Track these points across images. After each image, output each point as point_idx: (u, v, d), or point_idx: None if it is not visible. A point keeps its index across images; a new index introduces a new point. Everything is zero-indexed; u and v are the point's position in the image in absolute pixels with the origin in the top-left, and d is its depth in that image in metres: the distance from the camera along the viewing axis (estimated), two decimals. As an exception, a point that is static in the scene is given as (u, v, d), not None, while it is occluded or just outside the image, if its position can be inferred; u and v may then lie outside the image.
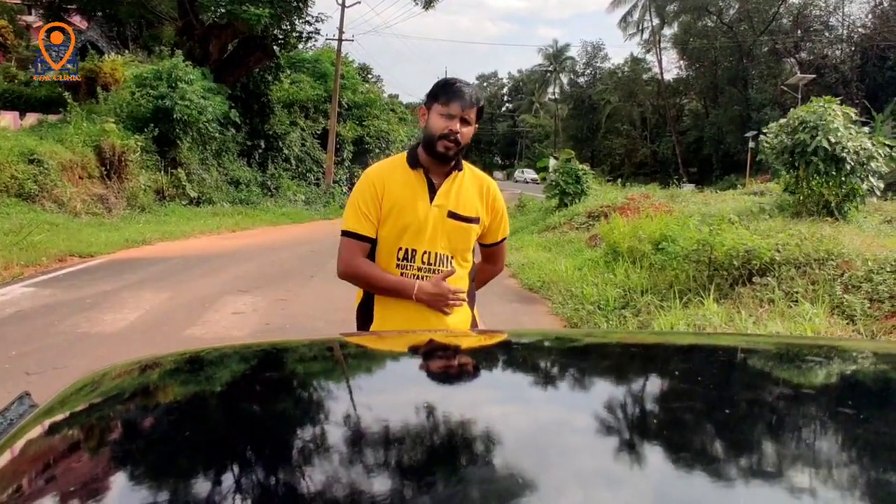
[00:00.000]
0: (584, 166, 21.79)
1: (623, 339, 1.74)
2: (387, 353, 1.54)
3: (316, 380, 1.30)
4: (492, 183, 2.78)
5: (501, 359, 1.46)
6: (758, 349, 1.51)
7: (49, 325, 7.53)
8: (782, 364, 1.40)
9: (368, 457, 0.90)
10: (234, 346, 1.56)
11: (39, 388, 5.48)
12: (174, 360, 1.39)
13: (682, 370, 1.32)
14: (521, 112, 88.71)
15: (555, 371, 1.35)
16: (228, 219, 22.51)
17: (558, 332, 1.66)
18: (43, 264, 11.71)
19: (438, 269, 2.62)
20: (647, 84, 61.47)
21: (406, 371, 1.36)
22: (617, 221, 12.19)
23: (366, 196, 2.64)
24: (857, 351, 1.52)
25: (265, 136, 30.70)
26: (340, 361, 1.41)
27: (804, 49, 47.90)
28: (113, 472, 0.92)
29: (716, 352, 1.46)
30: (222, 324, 8.01)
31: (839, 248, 8.63)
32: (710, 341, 1.72)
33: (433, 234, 2.61)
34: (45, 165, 17.11)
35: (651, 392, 1.20)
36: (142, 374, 1.36)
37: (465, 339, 1.72)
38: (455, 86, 2.57)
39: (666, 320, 7.84)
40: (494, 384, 1.28)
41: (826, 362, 1.40)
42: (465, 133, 2.56)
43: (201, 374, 1.35)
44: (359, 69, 46.83)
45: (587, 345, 1.59)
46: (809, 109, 12.52)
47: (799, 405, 1.14)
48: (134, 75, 23.01)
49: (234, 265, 12.86)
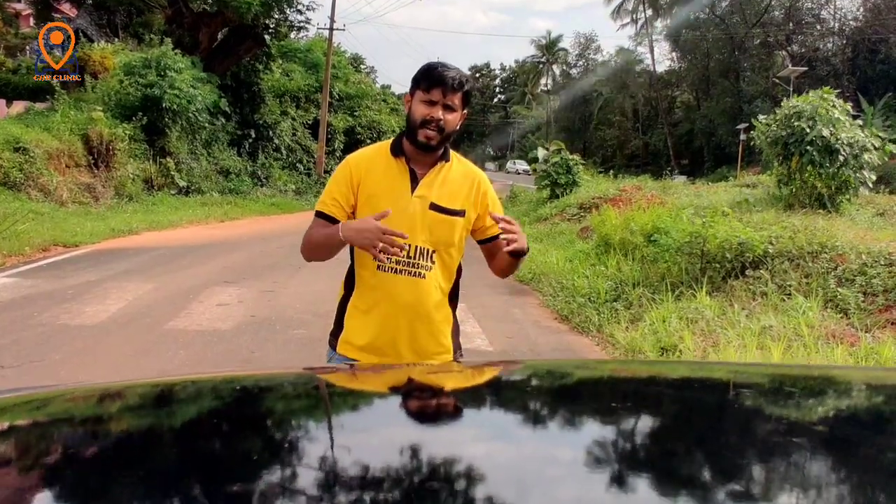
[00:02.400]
0: (575, 156, 21.68)
1: (614, 371, 1.56)
2: (351, 391, 1.36)
3: (273, 422, 1.14)
4: (482, 176, 2.64)
5: (478, 395, 1.29)
6: (754, 381, 1.39)
7: (28, 317, 7.37)
8: (779, 399, 1.28)
9: None
10: (173, 380, 1.38)
11: (14, 382, 5.33)
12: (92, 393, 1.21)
13: (674, 406, 1.19)
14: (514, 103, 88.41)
15: (540, 409, 1.20)
16: (217, 208, 22.31)
17: (543, 365, 1.46)
18: (26, 254, 11.53)
19: (419, 264, 2.48)
20: (638, 76, 61.37)
21: (374, 412, 1.19)
22: (608, 213, 12.08)
23: (340, 181, 2.53)
24: (856, 382, 1.41)
25: (255, 125, 30.47)
26: (302, 400, 1.25)
27: (796, 42, 47.85)
28: None
29: (715, 387, 1.34)
30: (206, 316, 7.86)
31: (833, 241, 8.55)
32: (705, 374, 1.57)
33: (412, 227, 2.45)
34: (31, 154, 16.88)
35: (645, 431, 1.08)
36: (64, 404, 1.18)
37: (437, 375, 1.55)
38: (437, 70, 2.41)
39: (658, 313, 7.74)
40: (470, 423, 1.14)
41: (823, 396, 1.30)
42: (449, 120, 2.41)
43: (135, 411, 1.17)
44: (351, 59, 46.53)
45: (571, 379, 1.43)
46: (805, 99, 12.44)
47: (798, 442, 1.04)
48: (123, 63, 22.76)
49: (221, 255, 12.71)
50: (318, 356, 6.16)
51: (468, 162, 2.66)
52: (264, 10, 25.96)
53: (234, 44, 27.94)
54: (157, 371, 5.79)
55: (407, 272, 2.47)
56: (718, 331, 7.12)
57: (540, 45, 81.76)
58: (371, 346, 2.52)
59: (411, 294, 2.48)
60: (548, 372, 1.48)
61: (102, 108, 20.67)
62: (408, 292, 2.47)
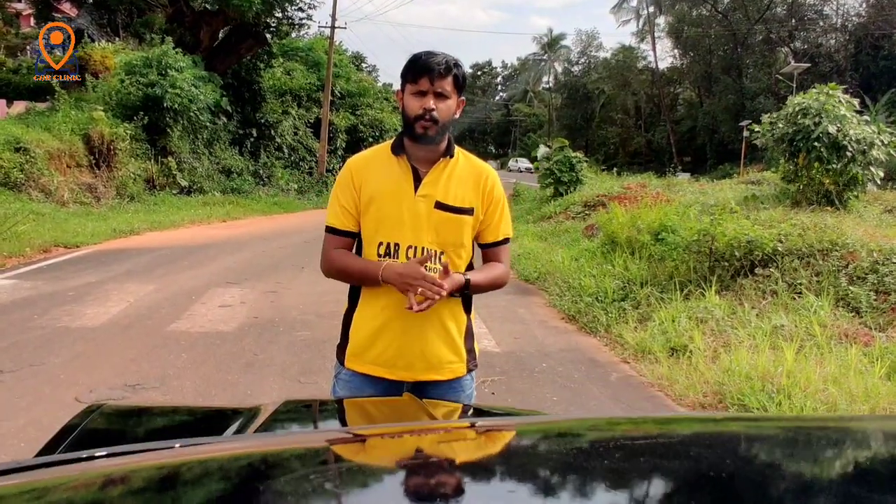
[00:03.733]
0: (578, 154, 21.56)
1: (630, 431, 1.37)
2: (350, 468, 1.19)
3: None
4: (491, 171, 2.50)
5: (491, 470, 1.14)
6: (776, 436, 1.26)
7: (27, 320, 7.27)
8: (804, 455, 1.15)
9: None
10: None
11: (12, 386, 5.24)
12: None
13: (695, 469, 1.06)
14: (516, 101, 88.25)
15: (557, 481, 1.05)
16: (219, 208, 22.20)
17: (560, 426, 1.25)
18: (27, 255, 11.43)
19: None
20: (640, 73, 61.23)
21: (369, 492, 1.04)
22: (616, 211, 11.94)
23: (343, 188, 2.43)
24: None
25: (257, 124, 30.35)
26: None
27: (798, 38, 47.72)
28: None
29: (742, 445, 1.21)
30: (209, 317, 7.76)
31: (843, 239, 8.43)
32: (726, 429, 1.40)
33: (418, 227, 2.35)
34: (32, 154, 16.80)
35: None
36: None
37: (447, 443, 1.37)
38: (421, 59, 2.30)
39: (667, 313, 7.63)
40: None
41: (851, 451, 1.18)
42: (442, 108, 2.30)
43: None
44: (352, 58, 46.40)
45: (588, 439, 1.27)
46: (811, 96, 12.31)
47: None
48: (123, 63, 22.66)
49: (223, 256, 12.60)
50: (322, 358, 6.08)
51: (475, 157, 2.54)
52: (265, 8, 25.85)
53: (236, 42, 27.84)
54: (159, 374, 5.68)
55: None
56: (729, 330, 7.01)
57: (542, 42, 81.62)
58: (380, 358, 2.40)
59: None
60: (565, 433, 1.31)
61: (103, 107, 20.61)
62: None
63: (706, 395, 5.66)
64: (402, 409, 2.09)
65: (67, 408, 4.74)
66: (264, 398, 5.21)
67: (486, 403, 5.25)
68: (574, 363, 6.76)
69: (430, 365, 2.40)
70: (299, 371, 5.93)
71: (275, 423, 1.77)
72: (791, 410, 4.99)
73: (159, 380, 5.56)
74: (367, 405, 2.16)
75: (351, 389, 2.44)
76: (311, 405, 2.24)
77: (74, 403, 4.84)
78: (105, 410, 1.83)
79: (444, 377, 2.43)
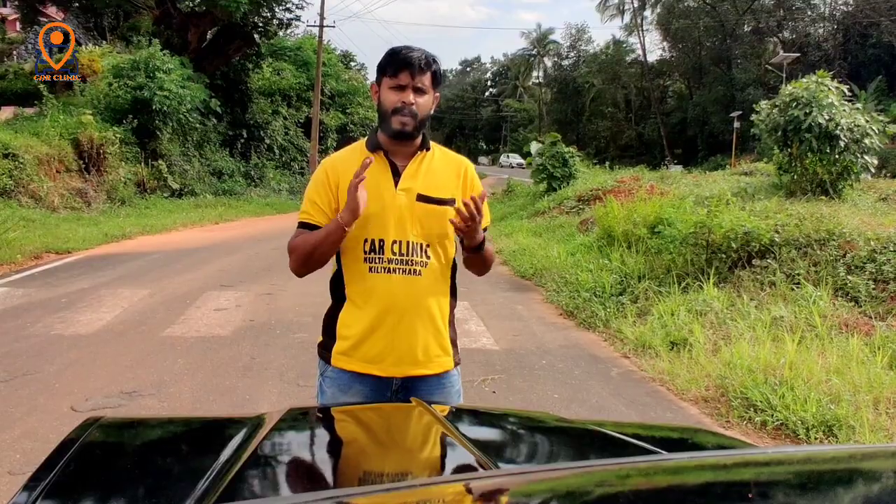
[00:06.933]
0: (570, 149, 21.52)
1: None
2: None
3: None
4: (468, 163, 2.50)
5: None
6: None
7: (20, 328, 7.17)
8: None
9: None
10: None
11: (6, 396, 5.16)
12: None
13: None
14: (506, 97, 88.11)
15: None
16: (211, 210, 22.07)
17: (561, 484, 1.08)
18: (17, 262, 11.31)
19: (414, 260, 2.31)
20: (630, 66, 61.22)
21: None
22: (612, 205, 11.89)
23: (318, 185, 2.38)
24: None
25: (247, 125, 30.25)
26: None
27: (787, 28, 47.79)
28: None
29: None
30: (204, 321, 7.68)
31: (840, 228, 8.39)
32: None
33: (401, 222, 2.31)
34: (21, 160, 16.64)
35: None
36: None
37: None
38: (401, 53, 2.29)
39: (666, 306, 7.60)
40: None
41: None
42: (421, 103, 2.29)
43: None
44: (341, 57, 46.23)
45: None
46: (801, 86, 12.29)
47: None
48: (111, 66, 22.54)
49: (217, 259, 12.51)
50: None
51: (449, 150, 2.53)
52: (253, 8, 25.72)
53: (224, 43, 27.72)
54: (155, 381, 5.61)
55: (401, 270, 2.31)
56: (728, 323, 6.98)
57: (530, 37, 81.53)
58: (369, 355, 2.34)
59: (408, 294, 2.31)
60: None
61: (92, 111, 20.47)
62: (405, 292, 2.31)
63: (708, 389, 5.62)
64: (411, 416, 2.04)
65: (63, 417, 4.67)
66: (263, 403, 5.14)
67: (491, 405, 5.21)
68: (574, 359, 6.71)
69: (419, 360, 2.35)
70: (298, 374, 5.86)
71: (280, 434, 1.73)
72: (794, 402, 4.95)
73: (156, 387, 5.48)
74: (375, 413, 2.12)
75: (339, 387, 2.40)
76: (316, 413, 2.19)
77: (70, 413, 4.77)
78: (103, 423, 1.78)
79: (432, 371, 2.39)
